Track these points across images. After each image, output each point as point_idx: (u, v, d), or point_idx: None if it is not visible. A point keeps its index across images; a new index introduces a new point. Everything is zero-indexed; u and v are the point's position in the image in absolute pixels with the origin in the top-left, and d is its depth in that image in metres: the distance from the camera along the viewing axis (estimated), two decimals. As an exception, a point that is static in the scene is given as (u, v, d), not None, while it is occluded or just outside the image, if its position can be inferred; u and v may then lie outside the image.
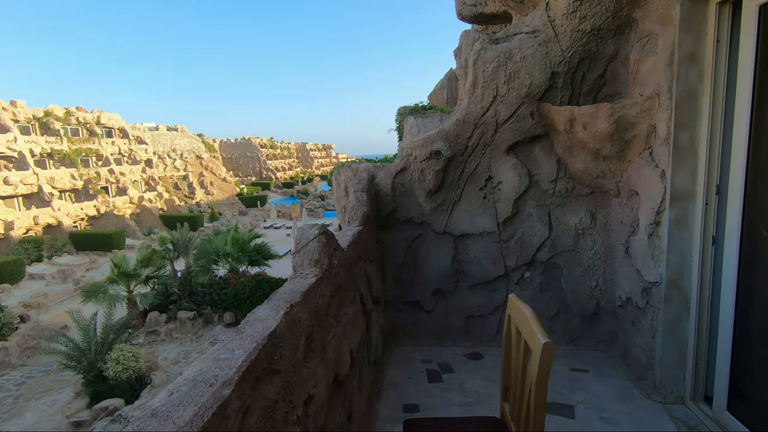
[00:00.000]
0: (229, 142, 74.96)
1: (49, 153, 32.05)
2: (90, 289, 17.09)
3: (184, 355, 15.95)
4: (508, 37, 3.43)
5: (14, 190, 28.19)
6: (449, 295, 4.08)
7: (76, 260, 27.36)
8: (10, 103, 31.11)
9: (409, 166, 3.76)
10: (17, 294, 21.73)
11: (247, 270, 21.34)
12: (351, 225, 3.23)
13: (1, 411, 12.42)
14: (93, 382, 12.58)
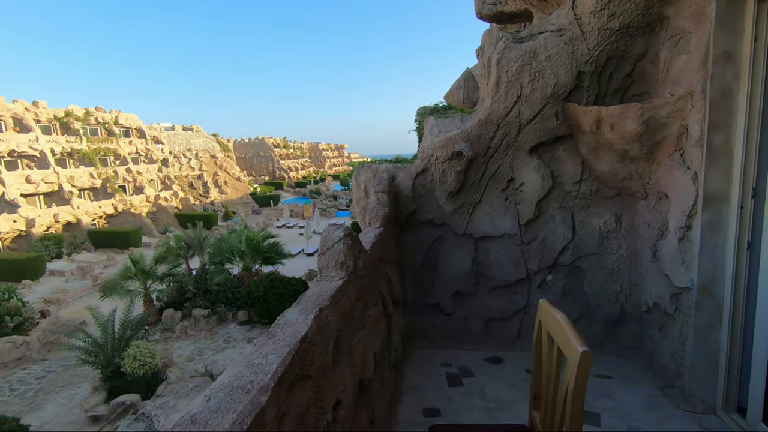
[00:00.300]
0: (243, 142, 75.72)
1: (69, 152, 32.77)
2: (108, 285, 17.41)
3: (198, 352, 16.15)
4: (532, 36, 3.37)
5: (36, 189, 28.89)
6: (469, 298, 4.02)
7: (94, 257, 27.91)
8: (33, 104, 31.89)
9: (429, 167, 3.73)
10: (38, 290, 22.26)
11: (261, 269, 21.53)
12: (372, 226, 3.20)
13: (23, 404, 12.71)
14: (110, 378, 12.81)
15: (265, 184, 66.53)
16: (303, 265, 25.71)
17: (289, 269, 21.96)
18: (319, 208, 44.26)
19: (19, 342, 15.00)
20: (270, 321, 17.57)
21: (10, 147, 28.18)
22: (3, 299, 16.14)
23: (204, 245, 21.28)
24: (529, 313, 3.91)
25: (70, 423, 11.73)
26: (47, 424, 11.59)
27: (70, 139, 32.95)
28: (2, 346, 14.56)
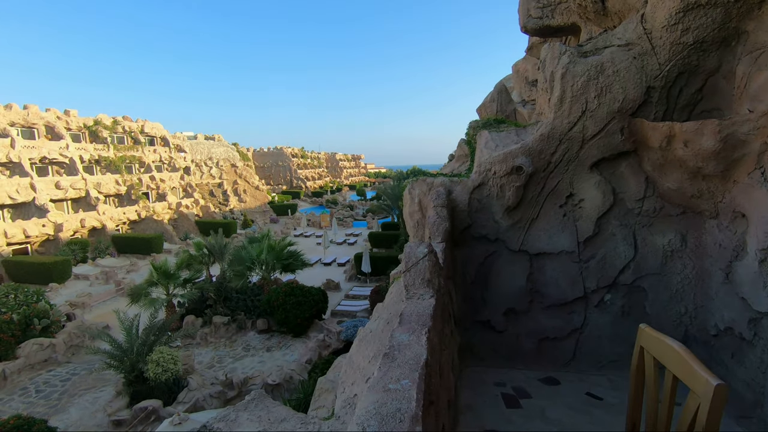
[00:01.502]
0: (262, 151, 76.87)
1: (97, 159, 33.70)
2: (134, 292, 17.65)
3: (218, 359, 16.18)
4: (597, 50, 3.31)
5: (64, 194, 29.71)
6: (522, 316, 3.92)
7: (117, 262, 28.44)
8: (64, 113, 32.99)
9: (487, 182, 3.67)
10: (64, 293, 22.72)
11: (279, 277, 21.61)
12: (433, 241, 3.15)
13: (48, 406, 12.87)
14: (133, 382, 12.90)
15: (282, 193, 67.26)
16: (320, 275, 25.74)
17: (306, 278, 21.99)
18: (336, 217, 44.44)
19: (45, 344, 15.26)
20: (289, 330, 17.55)
21: (42, 154, 29.11)
22: (32, 301, 16.50)
23: (224, 252, 21.47)
24: (586, 333, 3.79)
25: (94, 426, 11.82)
26: (71, 427, 11.69)
27: (98, 147, 33.90)
28: (30, 348, 14.82)
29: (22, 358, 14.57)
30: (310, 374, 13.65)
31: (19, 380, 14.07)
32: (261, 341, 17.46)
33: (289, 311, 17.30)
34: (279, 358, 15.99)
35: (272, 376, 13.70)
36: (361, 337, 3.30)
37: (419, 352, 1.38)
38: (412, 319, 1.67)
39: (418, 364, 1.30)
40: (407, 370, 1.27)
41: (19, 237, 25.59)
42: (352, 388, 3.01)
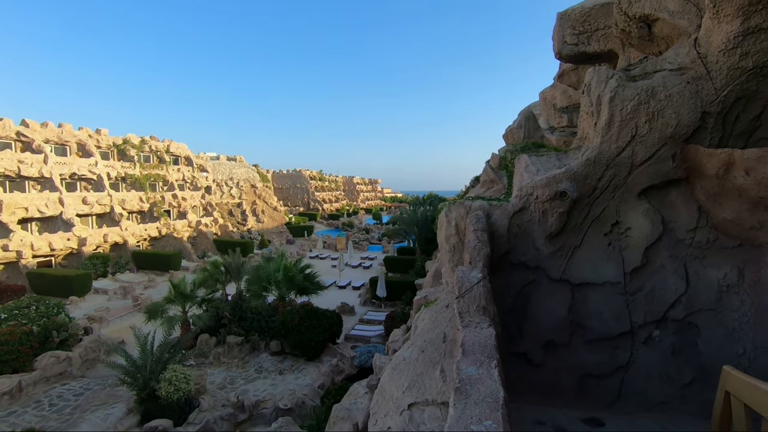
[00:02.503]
0: (281, 173, 78.21)
1: (123, 177, 34.72)
2: (152, 309, 17.70)
3: (230, 380, 15.94)
4: (647, 75, 3.22)
5: (90, 209, 30.53)
6: (562, 349, 3.69)
7: (136, 278, 28.78)
8: (96, 131, 34.32)
9: (528, 207, 3.54)
10: (83, 306, 22.97)
11: (294, 299, 21.45)
12: (473, 266, 3.00)
13: (60, 420, 12.77)
14: (145, 400, 12.75)
15: (299, 214, 67.84)
16: (335, 298, 25.50)
17: (321, 301, 21.78)
18: (352, 241, 44.40)
19: (62, 357, 15.30)
20: (302, 353, 17.25)
21: (72, 170, 30.14)
22: (52, 314, 16.67)
23: (241, 272, 21.49)
24: (632, 371, 3.53)
25: (104, 445, 11.65)
26: (82, 445, 11.54)
27: (125, 165, 34.96)
28: (47, 361, 14.87)
29: (38, 370, 14.61)
30: (322, 400, 13.28)
31: (33, 392, 14.06)
32: (274, 363, 17.19)
33: (304, 334, 17.06)
34: (291, 382, 15.67)
35: (284, 400, 13.37)
36: (393, 365, 3.13)
37: (494, 388, 1.24)
38: (475, 349, 1.53)
39: (497, 402, 1.16)
40: (486, 410, 1.13)
41: (45, 250, 26.21)
42: (385, 420, 2.84)
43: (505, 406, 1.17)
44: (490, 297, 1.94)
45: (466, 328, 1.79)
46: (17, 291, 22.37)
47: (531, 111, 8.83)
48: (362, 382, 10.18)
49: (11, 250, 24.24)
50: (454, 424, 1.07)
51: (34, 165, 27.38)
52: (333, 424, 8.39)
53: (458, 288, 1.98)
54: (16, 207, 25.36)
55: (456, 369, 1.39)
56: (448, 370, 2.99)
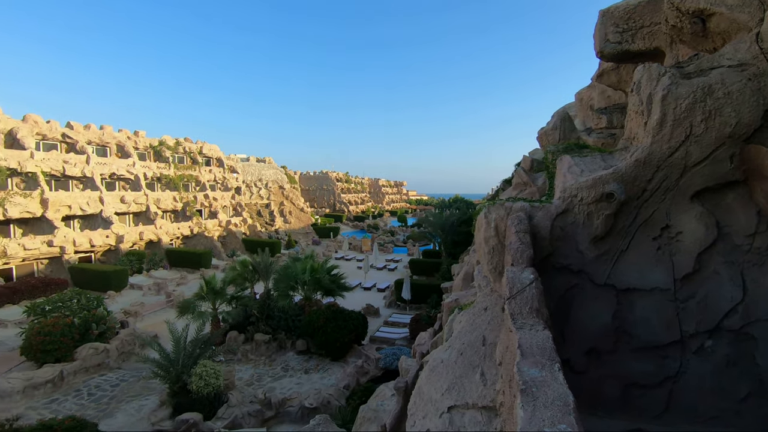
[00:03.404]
0: (308, 175, 79.34)
1: (158, 177, 36.04)
2: (184, 305, 18.24)
3: (257, 377, 16.23)
4: (702, 72, 3.07)
5: (127, 208, 31.84)
6: (606, 357, 3.56)
7: (169, 275, 29.76)
8: (134, 133, 35.80)
9: (572, 209, 3.43)
10: (120, 301, 23.93)
11: (320, 299, 21.67)
12: (515, 267, 2.93)
13: (98, 409, 13.31)
14: (177, 393, 13.13)
15: (325, 215, 68.60)
16: (360, 299, 25.61)
17: (346, 302, 21.91)
18: (378, 243, 44.50)
19: (100, 349, 15.97)
20: (327, 353, 17.39)
21: (112, 170, 31.51)
22: (92, 307, 17.42)
23: (269, 271, 21.86)
24: (682, 382, 3.36)
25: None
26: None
27: (160, 166, 36.28)
28: (86, 352, 15.55)
29: (78, 360, 15.29)
30: (348, 400, 13.33)
31: (74, 382, 14.72)
32: (300, 362, 17.40)
33: (329, 334, 17.20)
34: (317, 381, 15.81)
35: (310, 399, 13.50)
36: (431, 367, 3.09)
37: (561, 391, 1.19)
38: (534, 351, 1.49)
39: (568, 406, 1.12)
40: (558, 413, 1.09)
41: (86, 246, 27.47)
42: (423, 422, 2.80)
43: (576, 411, 1.13)
44: (543, 299, 1.88)
45: (520, 330, 1.74)
46: (60, 284, 23.54)
47: (566, 112, 8.61)
48: (389, 384, 10.17)
49: (55, 245, 25.52)
50: (525, 426, 1.04)
51: (78, 165, 28.77)
52: (360, 425, 8.41)
53: (509, 289, 1.93)
54: (61, 205, 26.70)
55: (517, 371, 1.34)
56: (488, 374, 2.93)
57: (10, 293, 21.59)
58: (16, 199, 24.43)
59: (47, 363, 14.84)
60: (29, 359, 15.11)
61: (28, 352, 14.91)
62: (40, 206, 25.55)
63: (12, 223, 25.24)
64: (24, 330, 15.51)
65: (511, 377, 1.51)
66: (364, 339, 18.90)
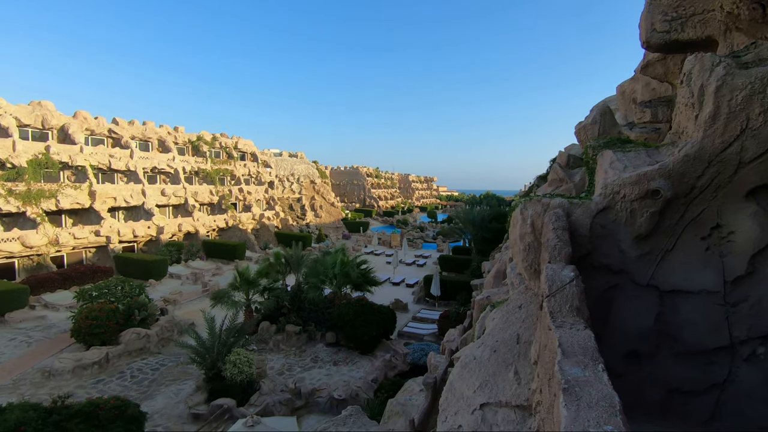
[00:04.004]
0: (339, 170, 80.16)
1: (196, 171, 37.38)
2: (218, 294, 18.90)
3: (288, 367, 16.63)
4: (762, 61, 2.87)
5: (167, 201, 33.26)
6: (647, 361, 3.41)
7: (205, 265, 30.90)
8: (174, 129, 37.24)
9: (613, 206, 3.30)
10: (160, 289, 25.07)
11: (349, 293, 21.93)
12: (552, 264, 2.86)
13: (140, 391, 14.03)
14: (212, 379, 13.66)
15: (355, 210, 69.18)
16: (389, 294, 25.71)
17: (375, 296, 22.06)
18: (407, 238, 44.45)
19: (142, 334, 16.80)
20: (356, 346, 17.59)
21: (153, 164, 32.95)
22: (135, 294, 18.34)
23: (301, 264, 22.30)
24: (730, 390, 3.18)
25: (175, 417, 12.63)
26: (156, 414, 12.60)
27: (198, 160, 37.60)
28: (129, 336, 16.41)
29: (122, 344, 16.16)
30: (376, 393, 13.46)
31: (118, 364, 15.58)
32: (329, 354, 17.69)
33: (358, 328, 17.40)
34: (345, 373, 16.03)
35: (338, 390, 13.73)
36: (463, 363, 3.07)
37: (606, 392, 1.16)
38: (575, 351, 1.45)
39: (614, 407, 1.09)
40: (603, 413, 1.06)
41: (129, 236, 28.91)
42: (455, 418, 2.79)
43: (623, 413, 1.09)
44: (584, 298, 1.83)
45: (559, 328, 1.69)
46: (106, 272, 24.91)
47: (607, 106, 8.27)
48: (417, 380, 10.19)
49: (102, 235, 27.00)
50: (569, 425, 1.02)
51: (122, 159, 30.25)
52: (388, 419, 8.47)
53: (548, 287, 1.88)
54: (107, 197, 28.19)
55: (558, 369, 1.31)
56: (522, 373, 2.88)
57: (62, 279, 23.06)
58: (68, 190, 25.98)
59: (94, 345, 15.76)
60: (78, 341, 16.11)
61: (77, 334, 15.89)
62: (88, 198, 27.06)
63: (63, 214, 26.89)
64: (74, 314, 16.53)
65: (550, 376, 1.48)
66: (392, 334, 19.00)
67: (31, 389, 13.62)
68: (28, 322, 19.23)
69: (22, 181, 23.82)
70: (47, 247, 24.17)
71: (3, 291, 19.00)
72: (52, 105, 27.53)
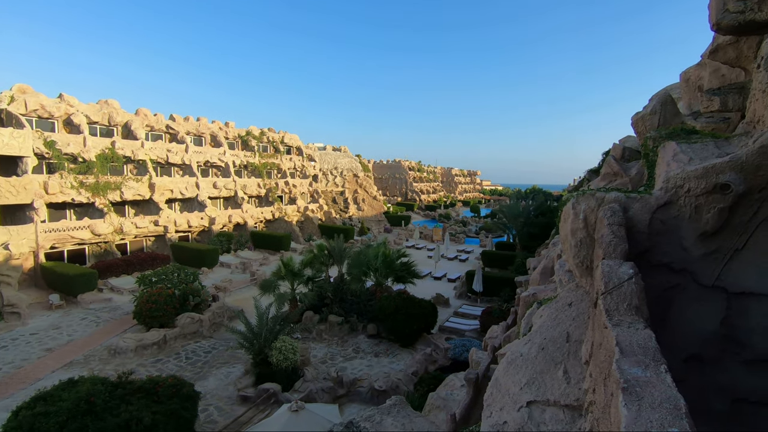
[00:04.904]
0: (381, 164, 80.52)
1: (245, 165, 38.94)
2: (265, 284, 19.67)
3: (330, 356, 17.06)
4: None
5: (219, 193, 34.95)
6: (710, 367, 3.19)
7: (253, 255, 32.23)
8: (225, 124, 38.94)
9: (676, 201, 3.09)
10: (211, 277, 26.48)
11: (391, 286, 22.07)
12: (607, 260, 2.73)
13: (194, 372, 14.92)
14: (259, 364, 14.28)
15: (397, 204, 69.31)
16: (430, 288, 25.63)
17: (416, 290, 22.07)
18: (449, 233, 43.99)
19: (196, 318, 17.84)
20: (397, 339, 17.72)
21: (206, 158, 34.66)
22: (189, 281, 19.48)
23: (343, 256, 22.70)
24: (808, 404, 2.91)
25: (226, 398, 13.35)
26: (209, 394, 13.36)
27: (247, 154, 39.13)
28: (185, 320, 17.48)
29: (178, 327, 17.24)
30: (416, 387, 13.52)
31: (174, 346, 16.66)
32: (370, 345, 17.95)
33: (399, 321, 17.51)
34: (386, 365, 16.22)
35: (379, 381, 13.92)
36: (509, 360, 3.01)
37: (670, 394, 1.10)
38: (635, 350, 1.39)
39: (679, 410, 1.03)
40: (667, 415, 1.01)
41: (184, 226, 30.68)
42: (501, 414, 2.75)
43: (689, 416, 1.04)
44: (643, 296, 1.74)
45: (616, 327, 1.62)
46: (164, 259, 26.62)
47: (668, 94, 7.72)
48: (459, 375, 10.12)
49: (160, 225, 28.83)
50: (630, 425, 0.98)
51: (178, 153, 32.05)
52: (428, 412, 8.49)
53: (604, 284, 1.80)
54: (165, 189, 30.02)
55: (616, 369, 1.26)
56: (572, 372, 2.79)
57: (125, 265, 24.93)
58: (130, 183, 27.94)
59: (153, 327, 16.94)
60: (139, 323, 17.38)
61: (138, 316, 17.14)
62: (148, 190, 28.96)
63: (126, 204, 28.97)
64: (135, 297, 17.83)
65: (606, 375, 1.42)
66: (433, 328, 18.97)
67: (99, 365, 14.89)
68: (97, 303, 21.00)
69: (92, 174, 25.87)
70: (113, 235, 26.17)
71: (76, 274, 20.84)
72: (117, 103, 29.61)
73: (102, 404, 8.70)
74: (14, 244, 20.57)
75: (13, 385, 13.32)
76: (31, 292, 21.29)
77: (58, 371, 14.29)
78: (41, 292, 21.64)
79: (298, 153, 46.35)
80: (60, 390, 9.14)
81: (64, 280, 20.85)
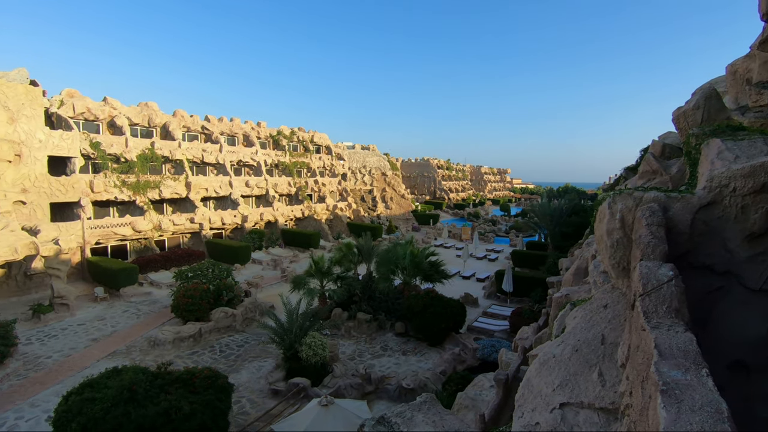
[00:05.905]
0: (410, 162, 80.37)
1: (276, 164, 39.81)
2: (296, 280, 20.07)
3: (359, 353, 17.22)
4: None
5: (251, 191, 35.91)
6: (757, 374, 3.05)
7: (283, 252, 32.94)
8: (257, 124, 39.93)
9: (720, 200, 2.97)
10: (244, 273, 27.25)
11: (419, 284, 22.03)
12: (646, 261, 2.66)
13: (227, 364, 15.41)
14: (290, 359, 14.60)
15: (425, 203, 69.02)
16: (459, 287, 25.41)
17: (445, 289, 21.94)
18: (478, 231, 43.45)
19: (229, 313, 18.42)
20: (425, 337, 17.68)
21: (239, 158, 35.66)
22: (223, 277, 20.13)
23: (372, 254, 22.83)
24: None
25: (257, 391, 13.73)
26: (242, 386, 13.78)
27: (278, 153, 39.98)
28: (219, 315, 18.09)
29: (212, 321, 17.86)
30: (444, 386, 13.47)
31: (209, 339, 17.27)
32: (398, 344, 18.00)
33: (428, 320, 17.46)
34: (414, 364, 16.22)
35: (407, 380, 13.95)
36: (542, 360, 2.98)
37: (712, 398, 1.09)
38: (674, 353, 1.36)
39: (722, 414, 1.02)
40: (709, 419, 1.00)
41: (218, 224, 31.71)
42: (532, 415, 2.73)
43: (732, 420, 1.02)
44: (684, 299, 1.69)
45: (655, 329, 1.59)
46: (199, 256, 27.62)
47: (713, 88, 7.34)
48: (488, 375, 10.02)
49: (196, 222, 29.92)
50: (669, 427, 0.97)
51: (213, 153, 33.14)
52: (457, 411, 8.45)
53: (642, 285, 1.77)
54: (200, 188, 31.12)
55: (655, 371, 1.25)
56: (607, 375, 2.74)
57: (163, 260, 26.04)
58: (168, 182, 29.13)
59: (190, 321, 17.62)
60: (177, 316, 18.11)
61: (176, 310, 17.86)
62: (185, 188, 30.10)
63: (165, 203, 30.22)
64: (173, 292, 18.60)
65: (644, 378, 1.40)
66: (461, 327, 18.81)
67: (140, 355, 15.64)
68: (137, 297, 22.06)
69: (133, 173, 27.15)
70: (152, 231, 27.38)
71: (120, 269, 21.96)
72: (156, 105, 30.91)
73: (143, 393, 9.16)
74: (63, 239, 21.87)
75: (62, 372, 14.21)
76: (78, 285, 22.61)
77: (103, 360, 15.11)
78: (87, 284, 22.96)
79: (327, 152, 46.95)
80: (105, 378, 9.69)
81: (108, 274, 22.01)
